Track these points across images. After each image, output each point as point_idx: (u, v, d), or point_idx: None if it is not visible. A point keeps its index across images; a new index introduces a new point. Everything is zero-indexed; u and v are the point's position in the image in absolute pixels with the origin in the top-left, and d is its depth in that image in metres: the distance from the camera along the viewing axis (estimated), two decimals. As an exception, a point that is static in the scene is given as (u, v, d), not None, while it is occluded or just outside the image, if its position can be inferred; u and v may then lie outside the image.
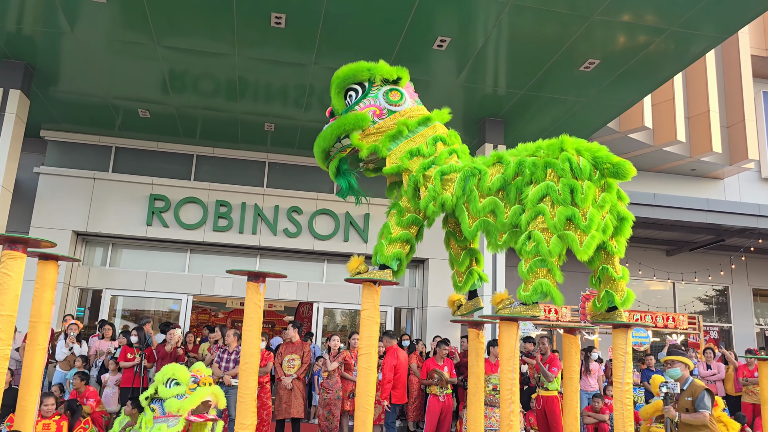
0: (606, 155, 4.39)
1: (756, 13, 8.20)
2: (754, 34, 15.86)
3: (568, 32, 8.55)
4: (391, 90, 5.12)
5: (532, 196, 4.42)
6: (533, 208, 4.40)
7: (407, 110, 5.05)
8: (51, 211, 12.23)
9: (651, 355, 10.99)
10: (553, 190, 4.35)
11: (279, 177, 13.50)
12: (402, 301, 13.73)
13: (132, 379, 8.58)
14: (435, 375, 8.17)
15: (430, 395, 8.23)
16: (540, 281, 4.26)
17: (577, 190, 4.30)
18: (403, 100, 5.07)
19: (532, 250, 4.33)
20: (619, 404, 4.66)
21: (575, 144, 4.47)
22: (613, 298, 4.64)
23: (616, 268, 4.67)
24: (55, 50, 9.50)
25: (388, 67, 5.20)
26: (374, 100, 5.06)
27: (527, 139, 12.16)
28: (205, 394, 4.85)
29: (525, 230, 4.42)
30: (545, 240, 4.29)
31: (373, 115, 5.00)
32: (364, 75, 5.14)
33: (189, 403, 4.74)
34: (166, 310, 14.30)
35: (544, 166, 4.48)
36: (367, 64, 5.17)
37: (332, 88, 5.23)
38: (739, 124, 15.32)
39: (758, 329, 17.17)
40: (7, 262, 3.38)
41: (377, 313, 4.47)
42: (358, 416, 4.30)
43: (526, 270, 4.36)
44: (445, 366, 8.34)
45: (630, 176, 4.34)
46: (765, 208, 13.77)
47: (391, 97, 5.07)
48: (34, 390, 3.85)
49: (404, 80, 5.22)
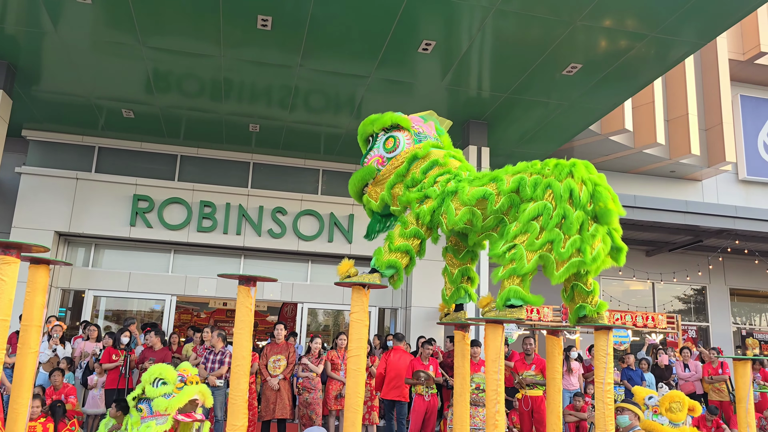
0: (602, 196, 4.48)
1: (734, 20, 8.40)
2: (731, 39, 16.18)
3: (551, 37, 8.68)
4: (387, 138, 5.59)
5: (527, 212, 4.55)
6: (525, 224, 4.53)
7: (401, 154, 5.45)
8: (33, 211, 12.12)
9: (631, 354, 11.19)
10: (547, 212, 4.49)
11: (263, 178, 13.51)
12: (386, 301, 13.82)
13: (117, 380, 8.57)
14: (421, 375, 8.27)
15: (415, 395, 8.33)
16: (510, 288, 4.45)
17: (569, 217, 4.42)
18: (396, 145, 5.49)
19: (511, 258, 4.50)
20: (600, 404, 4.78)
21: (582, 173, 4.57)
22: (586, 308, 4.85)
23: (587, 284, 4.85)
24: (38, 50, 9.42)
25: (387, 116, 5.66)
26: (377, 150, 5.62)
27: (510, 141, 12.39)
28: (192, 393, 4.88)
29: (510, 241, 4.54)
30: (527, 257, 4.43)
31: (377, 164, 5.55)
32: (369, 129, 5.75)
33: (177, 402, 4.76)
34: (148, 311, 14.24)
35: (546, 187, 4.60)
36: (373, 117, 5.73)
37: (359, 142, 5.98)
38: (717, 127, 15.63)
39: (735, 328, 17.53)
40: (1, 267, 3.40)
41: (366, 316, 4.55)
42: (348, 417, 4.37)
43: (500, 276, 4.56)
44: (430, 365, 8.45)
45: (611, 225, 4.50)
46: (742, 210, 14.07)
47: (387, 145, 5.55)
48: (26, 393, 3.86)
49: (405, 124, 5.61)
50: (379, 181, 5.57)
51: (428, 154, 5.34)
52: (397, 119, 5.60)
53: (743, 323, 17.95)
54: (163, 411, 4.86)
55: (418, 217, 5.08)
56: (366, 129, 5.78)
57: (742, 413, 5.94)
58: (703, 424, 8.90)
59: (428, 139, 5.55)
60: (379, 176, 5.55)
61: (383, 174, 5.51)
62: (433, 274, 12.79)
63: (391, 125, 5.61)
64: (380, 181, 5.56)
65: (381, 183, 5.55)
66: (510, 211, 4.76)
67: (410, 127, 5.59)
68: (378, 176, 5.56)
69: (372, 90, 10.24)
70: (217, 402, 8.18)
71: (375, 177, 5.58)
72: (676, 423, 6.26)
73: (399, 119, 5.60)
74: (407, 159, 5.37)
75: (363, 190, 5.74)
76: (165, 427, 4.83)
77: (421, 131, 5.60)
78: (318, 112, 11.24)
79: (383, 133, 5.65)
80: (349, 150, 12.94)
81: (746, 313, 18.14)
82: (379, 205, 5.57)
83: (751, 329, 17.83)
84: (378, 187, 5.58)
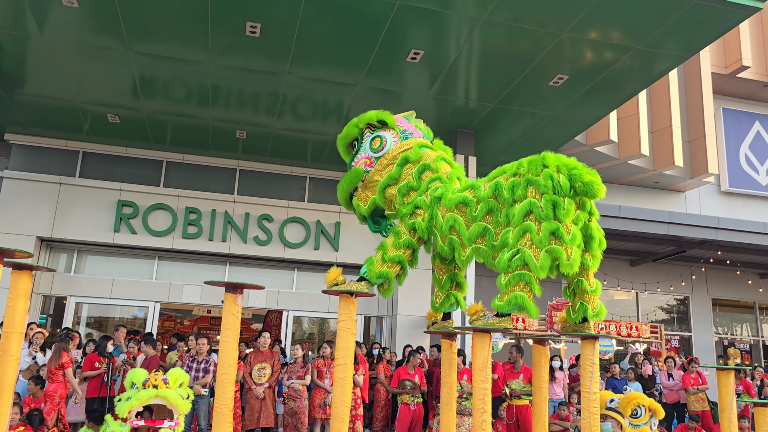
0: (579, 174, 4.49)
1: (717, 35, 8.54)
2: (714, 53, 16.44)
3: (538, 48, 8.76)
4: (373, 138, 5.53)
5: (517, 213, 4.50)
6: (520, 225, 4.47)
7: (390, 152, 5.39)
8: (15, 215, 11.95)
9: (615, 364, 11.25)
10: (536, 207, 4.44)
11: (250, 184, 13.45)
12: (372, 310, 13.78)
13: (99, 388, 8.44)
14: (407, 384, 8.24)
15: (401, 404, 8.30)
16: (515, 294, 4.32)
17: (560, 205, 4.40)
18: (382, 144, 5.44)
19: (518, 264, 4.40)
20: (586, 413, 4.79)
21: (556, 161, 4.59)
22: (587, 310, 4.77)
23: (590, 281, 4.80)
24: (22, 52, 9.33)
25: (373, 113, 5.61)
26: (364, 152, 5.54)
27: (497, 151, 12.46)
28: (145, 397, 4.80)
29: (512, 247, 4.46)
30: (534, 256, 4.35)
31: (365, 165, 5.49)
32: (354, 132, 5.67)
33: (127, 405, 4.71)
34: (131, 318, 14.08)
35: (526, 185, 4.57)
36: (355, 120, 5.67)
37: (339, 150, 5.89)
38: (699, 139, 15.84)
39: (717, 338, 17.70)
40: (-17, 272, 3.36)
41: (354, 324, 4.53)
42: (334, 426, 4.34)
43: (505, 282, 4.42)
44: (416, 375, 8.42)
45: (599, 196, 4.47)
46: (724, 221, 14.26)
47: (373, 145, 5.50)
48: (6, 401, 3.79)
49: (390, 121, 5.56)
50: (369, 183, 5.49)
51: (420, 157, 5.27)
52: (382, 115, 5.55)
53: (725, 333, 18.14)
54: (124, 414, 4.81)
55: (414, 229, 5.03)
56: (350, 132, 5.69)
57: (725, 422, 5.98)
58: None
59: (413, 136, 5.50)
60: (368, 178, 5.47)
61: (372, 175, 5.43)
62: (419, 283, 12.87)
63: (376, 122, 5.56)
64: (370, 184, 5.48)
65: (371, 186, 5.47)
66: (491, 218, 4.71)
67: (395, 126, 5.54)
68: (367, 178, 5.48)
69: (360, 98, 10.26)
70: (200, 411, 8.10)
71: (364, 179, 5.50)
72: (637, 424, 6.29)
73: (383, 115, 5.55)
74: (398, 162, 5.29)
75: (352, 195, 5.65)
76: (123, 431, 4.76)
77: (406, 129, 5.56)
78: (305, 119, 11.23)
79: (369, 133, 5.59)
80: (337, 158, 12.82)
81: (728, 323, 18.33)
82: (368, 209, 5.50)
83: (732, 339, 18.03)
84: (368, 190, 5.50)
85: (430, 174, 5.19)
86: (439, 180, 5.13)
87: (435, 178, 5.15)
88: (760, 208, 16.80)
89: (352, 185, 5.56)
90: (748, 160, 16.98)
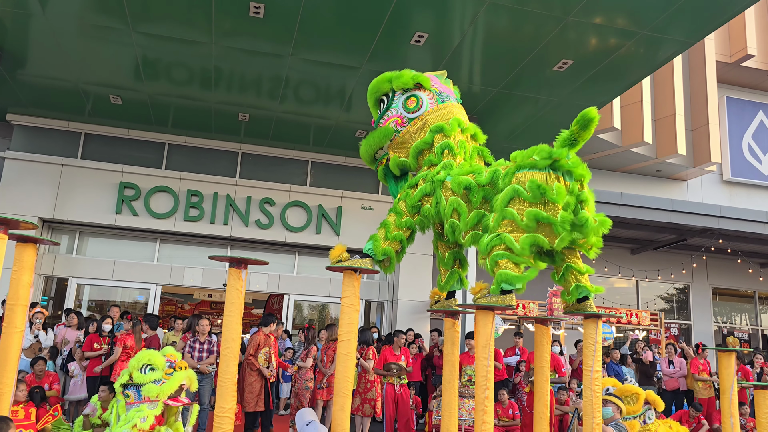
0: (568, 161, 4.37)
1: (722, 21, 8.49)
2: (719, 41, 16.36)
3: (542, 32, 8.71)
4: (408, 97, 5.32)
5: (500, 200, 4.46)
6: (500, 212, 4.42)
7: (425, 114, 5.23)
8: (16, 196, 11.96)
9: (616, 350, 11.29)
10: (520, 192, 4.38)
11: (252, 168, 13.44)
12: (372, 294, 13.82)
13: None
14: (392, 367, 8.26)
15: (386, 384, 8.34)
16: (500, 271, 4.32)
17: (547, 189, 4.30)
18: (419, 105, 5.25)
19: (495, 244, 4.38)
20: (588, 391, 4.82)
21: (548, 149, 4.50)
22: (585, 288, 4.75)
23: (579, 264, 4.80)
24: (24, 32, 9.28)
25: (407, 75, 5.39)
26: (395, 110, 5.32)
27: (500, 137, 12.44)
28: (181, 378, 4.87)
29: (492, 231, 4.43)
30: (514, 240, 4.32)
31: (396, 125, 5.29)
32: (385, 87, 5.44)
33: (168, 388, 4.75)
34: (132, 301, 14.13)
35: (514, 171, 4.53)
36: (389, 75, 5.43)
37: (369, 102, 5.64)
38: (702, 127, 15.80)
39: (716, 326, 17.76)
40: (-12, 242, 3.36)
41: (357, 301, 4.55)
42: (337, 401, 4.38)
43: (489, 267, 4.43)
44: (401, 356, 8.44)
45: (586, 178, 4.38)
46: (726, 210, 14.26)
47: (408, 104, 5.28)
48: (10, 373, 3.82)
49: (426, 84, 5.36)
50: (398, 143, 5.31)
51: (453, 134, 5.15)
52: (419, 78, 5.33)
53: (724, 322, 18.20)
54: (154, 397, 4.84)
55: (418, 212, 5.03)
56: (381, 86, 5.45)
57: (725, 404, 6.02)
58: (685, 419, 9.02)
59: (450, 99, 5.36)
60: (398, 138, 5.29)
61: (402, 135, 5.26)
62: (419, 268, 12.91)
63: (412, 85, 5.34)
64: (399, 144, 5.31)
65: (400, 147, 5.30)
66: (487, 206, 4.69)
67: (431, 87, 5.35)
68: (396, 138, 5.30)
69: (363, 82, 10.19)
70: (204, 390, 8.15)
71: (393, 139, 5.32)
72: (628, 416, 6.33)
73: (420, 78, 5.34)
74: (432, 128, 5.14)
75: (376, 154, 5.49)
76: (156, 412, 4.81)
77: (442, 90, 5.40)
78: (308, 103, 11.20)
79: (401, 93, 5.37)
80: (339, 142, 12.92)
81: (727, 312, 18.39)
82: (396, 170, 5.36)
83: (731, 328, 18.09)
84: (397, 150, 5.34)
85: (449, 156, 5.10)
86: (449, 166, 5.05)
87: (448, 164, 5.06)
88: (762, 197, 16.78)
89: (379, 144, 5.38)
90: (751, 150, 16.95)
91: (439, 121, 5.20)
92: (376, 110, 5.56)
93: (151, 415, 4.62)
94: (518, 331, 11.15)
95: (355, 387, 8.29)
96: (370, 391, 8.36)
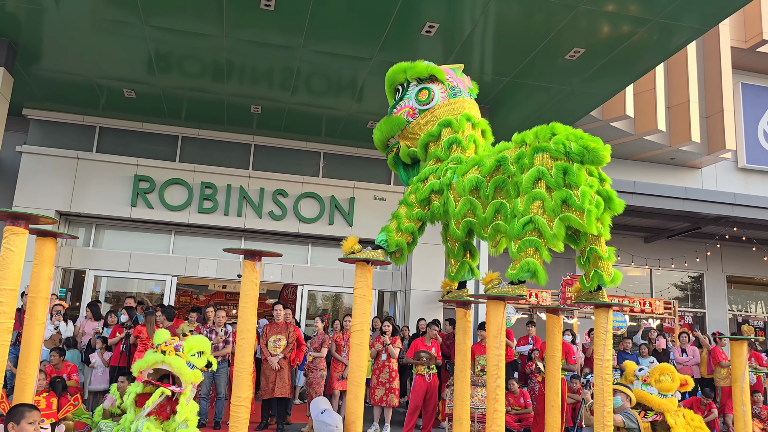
0: (584, 142, 4.42)
1: (736, 6, 8.40)
2: (734, 26, 16.14)
3: (554, 21, 8.67)
4: (420, 90, 5.39)
5: (525, 180, 4.47)
6: (529, 193, 4.44)
7: (435, 108, 5.29)
8: (34, 190, 12.14)
9: (628, 339, 11.29)
10: (545, 174, 4.41)
11: (265, 159, 13.53)
12: (385, 285, 13.89)
13: (118, 358, 8.65)
14: (422, 355, 8.34)
15: (416, 375, 8.42)
16: (527, 260, 4.31)
17: (570, 171, 4.36)
18: (430, 98, 5.32)
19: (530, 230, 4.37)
20: (599, 380, 4.85)
21: (565, 129, 4.57)
22: (602, 277, 4.78)
23: (602, 248, 4.79)
24: (39, 27, 9.39)
25: (421, 66, 5.45)
26: (408, 101, 5.40)
27: (512, 126, 12.42)
28: (153, 360, 4.98)
29: (523, 214, 4.43)
30: (548, 224, 4.34)
31: (407, 115, 5.36)
32: (400, 77, 5.52)
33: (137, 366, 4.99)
34: (148, 293, 14.31)
35: (533, 153, 4.54)
36: (405, 65, 5.50)
37: (386, 90, 5.74)
38: (717, 114, 15.64)
39: (731, 315, 17.65)
40: (10, 237, 3.43)
41: (370, 292, 4.60)
42: (351, 390, 4.45)
43: (516, 249, 4.43)
44: (432, 347, 8.52)
45: (605, 161, 4.40)
46: (740, 197, 14.12)
47: (420, 96, 5.35)
48: (33, 364, 3.92)
49: (440, 76, 5.41)
50: (408, 134, 5.41)
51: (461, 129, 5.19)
52: (433, 70, 5.40)
53: (739, 310, 18.08)
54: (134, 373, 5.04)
55: (428, 205, 5.08)
56: (397, 77, 5.54)
57: (737, 392, 6.03)
58: (697, 406, 9.02)
59: (462, 94, 5.41)
60: (408, 129, 5.38)
61: (412, 127, 5.35)
62: (432, 258, 12.95)
63: (426, 76, 5.41)
64: (409, 135, 5.40)
65: (410, 137, 5.40)
66: (502, 193, 4.70)
67: (445, 80, 5.40)
68: (407, 129, 5.39)
69: (374, 73, 10.23)
70: (220, 379, 8.28)
71: (404, 129, 5.41)
72: (665, 394, 6.38)
73: (434, 70, 5.40)
74: (440, 122, 5.21)
75: (388, 142, 5.58)
76: (137, 389, 4.96)
77: (455, 85, 5.44)
78: (320, 94, 11.24)
79: (415, 84, 5.44)
80: (351, 133, 12.95)
81: (742, 300, 18.26)
82: (405, 158, 5.48)
83: (746, 316, 17.97)
84: (407, 140, 5.44)
85: (457, 150, 5.13)
86: (459, 160, 5.07)
87: (456, 158, 5.09)
88: (777, 184, 16.61)
89: (390, 133, 5.47)
90: (767, 136, 16.76)
91: (448, 116, 5.23)
92: (392, 98, 5.66)
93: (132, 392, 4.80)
94: (531, 320, 11.16)
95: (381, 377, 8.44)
96: (394, 380, 8.47)
